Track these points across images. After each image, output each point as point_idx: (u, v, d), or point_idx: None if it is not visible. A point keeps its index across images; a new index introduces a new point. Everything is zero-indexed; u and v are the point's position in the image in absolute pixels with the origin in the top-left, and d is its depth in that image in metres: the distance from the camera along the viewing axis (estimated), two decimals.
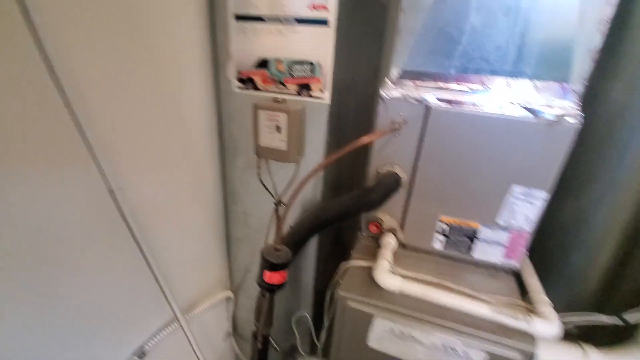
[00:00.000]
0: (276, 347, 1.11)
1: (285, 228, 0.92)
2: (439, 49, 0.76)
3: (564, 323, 0.73)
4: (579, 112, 0.69)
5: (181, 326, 0.84)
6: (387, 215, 0.95)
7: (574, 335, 0.83)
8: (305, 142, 0.85)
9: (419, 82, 0.80)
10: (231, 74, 0.84)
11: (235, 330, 1.24)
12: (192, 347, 0.86)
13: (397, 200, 0.92)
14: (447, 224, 0.88)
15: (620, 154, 0.95)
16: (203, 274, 1.02)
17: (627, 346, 0.72)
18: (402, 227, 0.94)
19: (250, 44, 0.79)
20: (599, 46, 0.66)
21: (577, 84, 0.70)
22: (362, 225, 0.99)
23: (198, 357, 0.92)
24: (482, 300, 0.73)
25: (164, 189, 0.82)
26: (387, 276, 0.78)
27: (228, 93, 0.86)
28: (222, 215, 1.03)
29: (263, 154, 0.86)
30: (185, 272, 0.95)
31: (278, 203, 0.94)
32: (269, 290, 0.85)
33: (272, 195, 0.92)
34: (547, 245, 1.20)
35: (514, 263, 0.86)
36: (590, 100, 1.00)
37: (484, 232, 0.85)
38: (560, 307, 0.81)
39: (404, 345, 0.79)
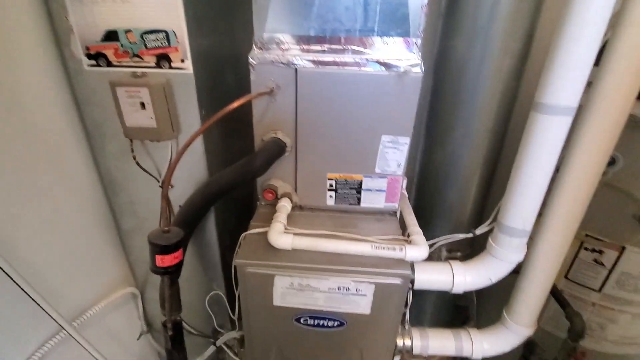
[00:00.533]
0: (192, 330, 1.09)
1: (176, 209, 0.89)
2: (296, 11, 0.79)
3: (432, 246, 0.86)
4: (420, 63, 0.78)
5: (68, 333, 0.77)
6: (280, 181, 0.98)
7: (458, 259, 0.98)
8: (179, 117, 0.82)
9: (283, 46, 0.81)
10: (78, 51, 0.75)
11: (151, 327, 1.18)
12: (90, 352, 0.80)
13: (286, 165, 0.95)
14: (334, 180, 0.94)
15: (470, 101, 1.11)
16: (96, 275, 0.93)
17: (481, 256, 0.89)
18: (295, 190, 0.98)
19: (91, 15, 0.70)
20: (427, 2, 0.74)
21: (418, 38, 0.79)
22: (259, 194, 1.01)
23: None
24: (364, 241, 0.82)
25: (23, 195, 0.72)
26: (279, 236, 0.81)
27: (79, 72, 0.77)
28: (105, 209, 0.95)
29: (133, 134, 0.80)
30: (70, 276, 0.86)
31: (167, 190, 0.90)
32: (164, 274, 0.82)
33: (155, 178, 0.88)
34: (426, 188, 1.37)
35: (394, 205, 0.97)
36: (442, 56, 1.15)
37: (366, 182, 0.94)
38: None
39: (304, 296, 0.84)
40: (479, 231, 0.87)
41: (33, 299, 0.72)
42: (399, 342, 0.97)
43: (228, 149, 1.04)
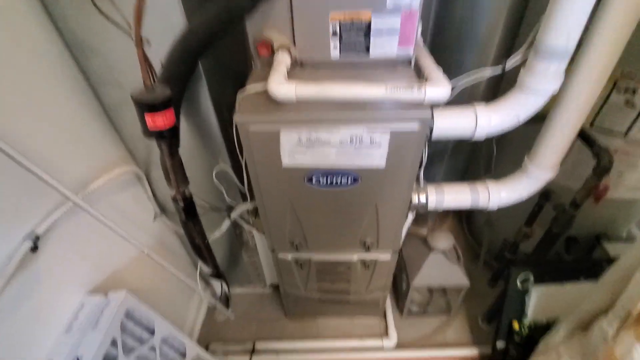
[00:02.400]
0: (204, 203, 1.09)
1: (158, 68, 0.77)
2: None
3: (454, 89, 0.76)
4: None
5: (74, 202, 0.74)
6: (275, 33, 0.83)
7: None
8: None
9: None
10: None
11: (165, 209, 1.19)
12: (102, 222, 0.80)
13: (281, 9, 0.79)
14: (338, 22, 0.79)
15: None
16: (90, 156, 0.87)
17: (508, 94, 0.78)
18: (294, 42, 0.84)
19: None
20: None
21: None
22: (253, 52, 0.88)
23: (121, 235, 0.87)
24: (377, 85, 0.71)
25: None
26: (281, 86, 0.71)
27: None
28: (79, 79, 0.83)
29: None
30: (62, 156, 0.80)
31: (138, 39, 0.76)
32: (160, 138, 0.75)
33: (126, 32, 0.73)
34: (443, 45, 1.20)
35: (408, 51, 0.83)
36: None
37: (375, 21, 0.78)
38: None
39: (315, 153, 0.79)
40: (509, 64, 0.76)
41: (31, 171, 0.67)
42: (414, 199, 0.95)
43: None
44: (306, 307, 1.43)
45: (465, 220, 1.85)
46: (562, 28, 0.63)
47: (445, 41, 1.17)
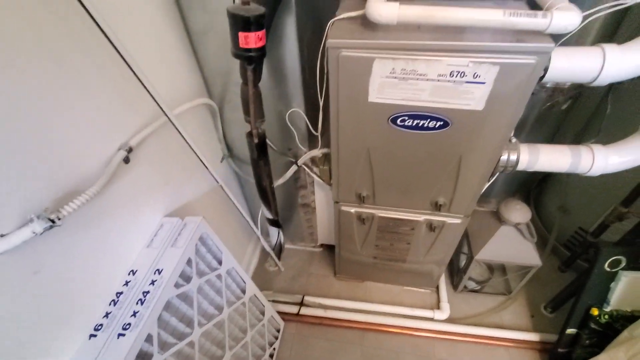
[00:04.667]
0: (273, 146, 1.08)
1: None
2: None
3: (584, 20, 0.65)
4: None
5: (168, 118, 0.75)
6: None
7: None
8: None
9: None
10: None
11: (231, 152, 1.21)
12: (184, 139, 0.80)
13: None
14: None
15: None
16: (174, 79, 0.88)
17: None
18: None
19: None
20: None
21: None
22: None
23: (193, 151, 0.87)
24: (493, 8, 0.63)
25: None
26: (383, 5, 0.65)
27: None
28: (174, 9, 0.83)
29: None
30: (151, 72, 0.81)
31: None
32: (248, 60, 0.73)
33: None
34: None
35: None
36: None
37: None
38: None
39: (407, 88, 0.72)
40: None
41: (141, 81, 0.67)
42: (504, 156, 0.86)
43: None
44: (357, 267, 1.41)
45: (534, 203, 1.70)
46: None
47: None
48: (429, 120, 0.77)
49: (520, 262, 1.19)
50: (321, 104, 0.89)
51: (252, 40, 0.69)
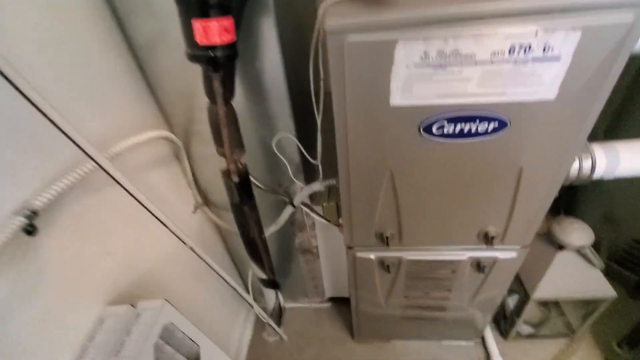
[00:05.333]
0: (259, 184, 0.82)
1: None
2: None
3: None
4: None
5: (94, 161, 0.50)
6: None
7: None
8: None
9: None
10: None
11: (206, 198, 0.95)
12: (122, 186, 0.54)
13: None
14: None
15: None
16: (109, 110, 0.63)
17: None
18: None
19: None
20: None
21: None
22: None
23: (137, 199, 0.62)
24: None
25: None
26: None
27: None
28: (108, 17, 0.62)
29: None
30: (73, 101, 0.56)
31: None
32: (211, 63, 0.50)
33: None
34: None
35: None
36: None
37: None
38: None
39: (446, 78, 0.50)
40: None
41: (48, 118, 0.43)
42: (575, 163, 0.64)
43: None
44: (382, 326, 1.11)
45: (564, 214, 1.47)
46: None
47: None
48: (478, 121, 0.55)
49: (591, 295, 0.94)
50: (319, 120, 0.65)
51: (214, 31, 0.47)
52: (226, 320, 1.15)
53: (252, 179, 0.77)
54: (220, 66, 0.52)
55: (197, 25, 0.46)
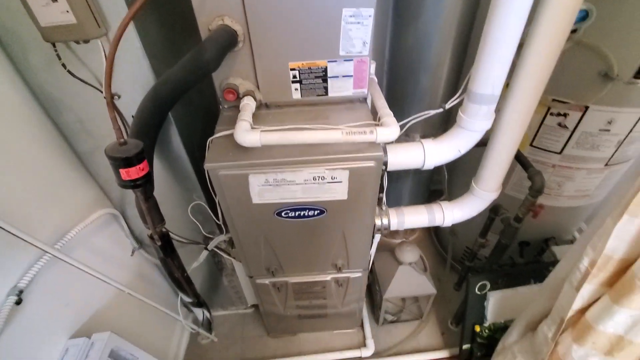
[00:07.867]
0: (182, 240, 1.14)
1: (130, 120, 0.82)
2: None
3: (403, 127, 0.85)
4: None
5: (52, 255, 0.77)
6: (239, 79, 0.90)
7: None
8: (102, 8, 0.69)
9: None
10: None
11: (142, 243, 1.23)
12: (82, 269, 0.83)
13: (243, 59, 0.86)
14: (297, 70, 0.87)
15: None
16: (66, 202, 0.90)
17: (450, 130, 0.89)
18: (258, 87, 0.91)
19: None
20: None
21: None
22: (220, 98, 0.94)
23: (99, 277, 0.90)
24: (334, 129, 0.79)
25: None
26: (246, 134, 0.77)
27: None
28: (55, 133, 0.87)
29: (53, 36, 0.67)
30: (38, 207, 0.83)
31: (110, 100, 0.81)
32: (135, 187, 0.80)
33: (95, 87, 0.78)
34: (399, 71, 1.31)
35: (363, 91, 0.92)
36: None
37: (331, 68, 0.87)
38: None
39: (282, 190, 0.86)
40: (448, 105, 0.86)
41: (3, 229, 0.70)
42: (377, 222, 1.04)
43: (174, 47, 0.92)
44: (287, 324, 1.49)
45: (433, 230, 1.97)
46: (487, 80, 0.73)
47: (402, 63, 1.29)
48: (307, 210, 0.92)
49: (420, 293, 1.39)
50: (217, 201, 0.98)
51: (134, 173, 0.77)
52: (165, 331, 1.44)
53: (174, 236, 1.07)
54: (140, 186, 0.81)
55: (123, 171, 0.75)
